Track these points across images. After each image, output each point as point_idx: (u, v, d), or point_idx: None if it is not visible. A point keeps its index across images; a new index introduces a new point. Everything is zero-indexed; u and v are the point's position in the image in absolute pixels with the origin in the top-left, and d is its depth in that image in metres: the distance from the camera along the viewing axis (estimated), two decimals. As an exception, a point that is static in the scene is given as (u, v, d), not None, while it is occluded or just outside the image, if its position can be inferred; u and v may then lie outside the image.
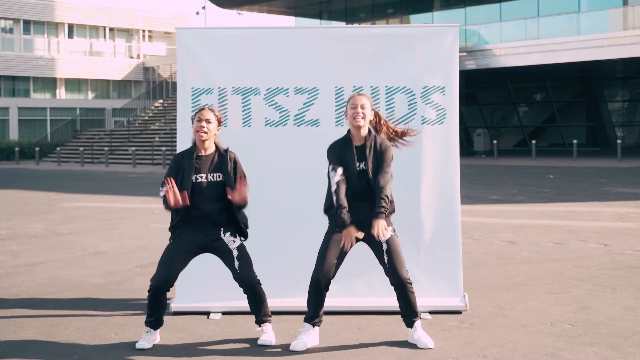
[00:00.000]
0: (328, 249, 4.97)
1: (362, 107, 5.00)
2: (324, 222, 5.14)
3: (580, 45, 29.52)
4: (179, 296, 6.00)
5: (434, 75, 6.10)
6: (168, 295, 6.52)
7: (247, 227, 5.16)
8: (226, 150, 5.12)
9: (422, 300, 5.97)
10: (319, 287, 4.96)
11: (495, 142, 32.76)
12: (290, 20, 47.32)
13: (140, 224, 11.91)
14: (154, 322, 5.09)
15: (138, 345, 5.05)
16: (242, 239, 5.13)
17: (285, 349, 5.02)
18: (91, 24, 48.79)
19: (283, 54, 6.17)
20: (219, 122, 5.12)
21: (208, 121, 5.03)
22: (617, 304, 6.13)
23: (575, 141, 30.23)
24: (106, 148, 36.51)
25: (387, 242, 4.94)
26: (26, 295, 6.72)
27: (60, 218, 12.84)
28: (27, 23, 46.53)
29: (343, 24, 41.92)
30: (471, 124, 40.26)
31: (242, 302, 5.74)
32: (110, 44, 49.93)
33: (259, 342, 5.11)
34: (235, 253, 5.04)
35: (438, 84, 6.09)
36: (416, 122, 6.08)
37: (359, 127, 5.02)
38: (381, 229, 4.79)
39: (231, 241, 5.06)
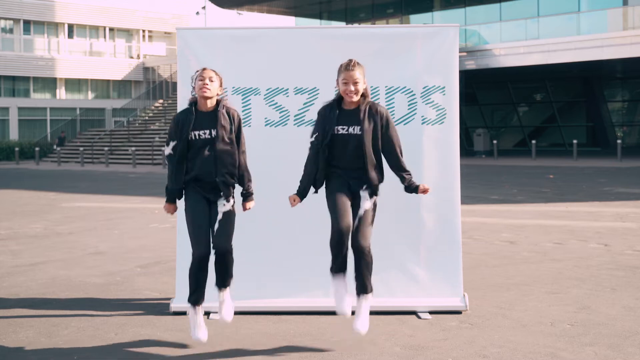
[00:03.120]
0: (337, 200, 4.90)
1: (355, 83, 4.91)
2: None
3: (580, 45, 29.52)
4: (179, 296, 5.99)
5: (434, 75, 6.09)
6: (168, 295, 6.54)
7: (245, 185, 5.15)
8: (223, 105, 5.08)
9: (422, 301, 5.99)
10: (341, 238, 4.85)
11: (495, 142, 32.77)
12: (290, 20, 47.32)
13: (140, 224, 11.91)
14: (199, 296, 5.05)
15: (195, 337, 5.02)
16: (233, 200, 5.07)
17: (286, 349, 5.02)
18: (91, 24, 48.79)
19: (283, 54, 6.16)
20: (221, 83, 5.13)
21: (211, 79, 5.03)
22: (617, 304, 6.13)
23: (575, 141, 30.24)
24: (106, 148, 36.51)
25: (365, 210, 4.94)
26: (26, 295, 6.72)
27: (60, 218, 12.84)
28: (27, 23, 46.53)
29: (343, 24, 41.91)
30: (471, 124, 40.26)
31: (242, 302, 5.76)
32: (110, 44, 49.93)
33: (218, 317, 5.12)
34: (219, 216, 5.01)
35: (438, 84, 6.09)
36: (416, 122, 6.08)
37: (352, 103, 4.98)
38: (425, 188, 5.05)
39: (222, 204, 5.03)
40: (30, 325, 5.65)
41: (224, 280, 5.13)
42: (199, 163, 5.00)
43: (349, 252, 4.93)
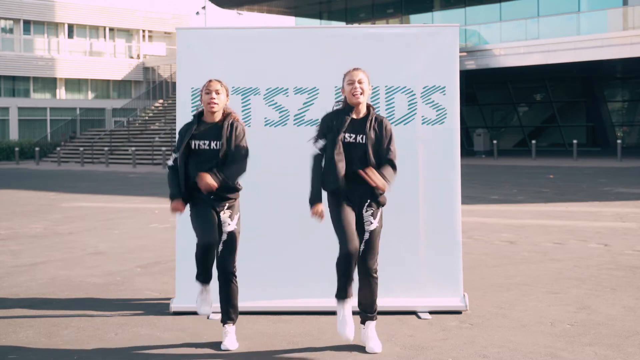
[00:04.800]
0: (343, 220, 4.85)
1: (360, 82, 4.89)
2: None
3: (580, 45, 29.52)
4: (179, 296, 6.00)
5: (434, 75, 6.09)
6: (168, 295, 6.54)
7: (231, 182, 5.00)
8: (230, 117, 5.06)
9: (422, 301, 5.99)
10: (349, 262, 4.80)
11: (495, 142, 32.76)
12: (290, 20, 47.32)
13: (140, 224, 11.91)
14: (206, 277, 5.06)
15: (200, 311, 5.06)
16: (237, 216, 5.05)
17: (286, 349, 5.02)
18: (91, 24, 48.76)
19: (283, 54, 6.16)
20: (227, 93, 5.12)
21: (217, 92, 5.02)
22: (617, 304, 6.13)
23: (575, 141, 30.23)
24: (106, 148, 36.50)
25: (370, 232, 4.92)
26: (26, 295, 6.72)
27: (60, 218, 12.84)
28: (27, 23, 46.51)
29: (343, 24, 41.90)
30: (471, 124, 40.25)
31: (242, 302, 5.74)
32: (110, 44, 49.91)
33: (221, 347, 5.06)
34: (224, 237, 5.01)
35: (438, 84, 6.09)
36: (416, 122, 6.08)
37: (358, 104, 4.93)
38: (377, 180, 4.74)
39: (227, 223, 5.02)
40: (30, 325, 5.65)
41: (229, 314, 5.12)
42: (200, 171, 4.94)
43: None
